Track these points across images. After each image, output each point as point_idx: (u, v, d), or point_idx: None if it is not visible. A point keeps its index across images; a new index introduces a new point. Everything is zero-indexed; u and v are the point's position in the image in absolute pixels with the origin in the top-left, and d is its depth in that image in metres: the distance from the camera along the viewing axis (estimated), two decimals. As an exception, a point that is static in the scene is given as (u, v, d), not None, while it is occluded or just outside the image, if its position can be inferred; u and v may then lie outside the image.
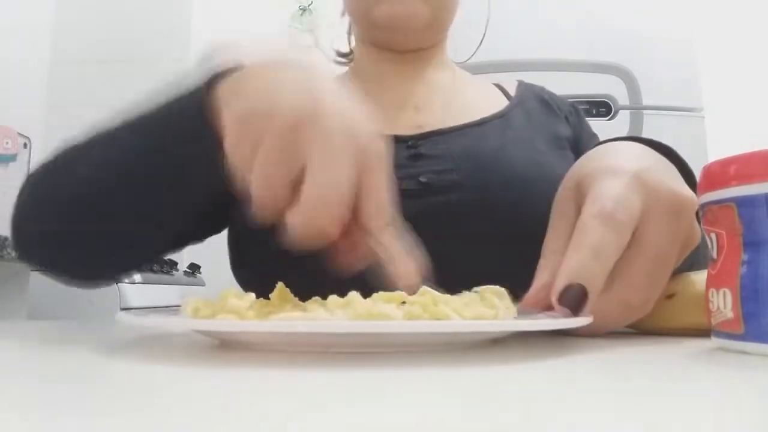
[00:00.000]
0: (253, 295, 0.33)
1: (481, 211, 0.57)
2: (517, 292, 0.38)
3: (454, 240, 0.56)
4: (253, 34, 2.11)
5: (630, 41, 1.72)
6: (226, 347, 0.32)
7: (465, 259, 0.54)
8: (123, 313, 0.32)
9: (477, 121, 0.65)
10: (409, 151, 0.61)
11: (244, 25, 2.08)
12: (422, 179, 0.59)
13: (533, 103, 0.71)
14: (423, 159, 0.60)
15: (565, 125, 0.70)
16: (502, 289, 0.35)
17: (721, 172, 0.31)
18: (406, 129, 0.64)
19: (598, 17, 1.75)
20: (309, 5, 2.35)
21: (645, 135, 1.72)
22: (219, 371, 0.26)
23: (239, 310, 0.30)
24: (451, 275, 0.36)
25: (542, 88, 0.76)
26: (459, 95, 0.70)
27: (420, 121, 0.65)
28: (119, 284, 1.51)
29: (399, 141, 0.62)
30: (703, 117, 1.74)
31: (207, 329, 0.31)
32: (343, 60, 0.82)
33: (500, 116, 0.66)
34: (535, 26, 1.72)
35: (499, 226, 0.56)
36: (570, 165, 0.49)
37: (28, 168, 1.83)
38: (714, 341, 0.32)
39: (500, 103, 0.69)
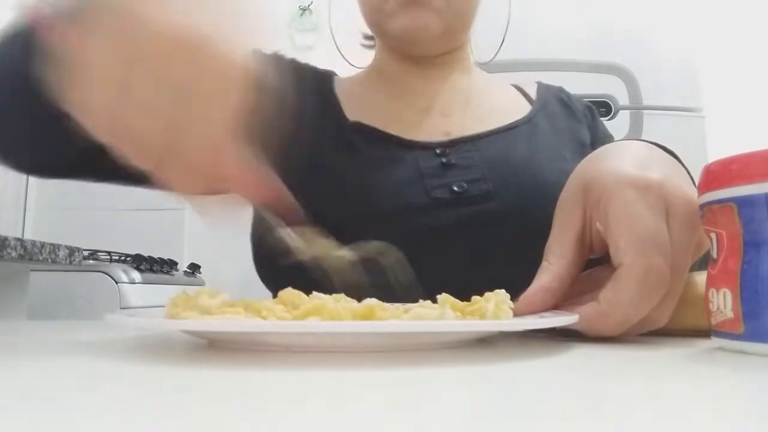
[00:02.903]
0: (227, 294, 0.33)
1: (515, 220, 0.57)
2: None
3: (488, 249, 0.56)
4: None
5: (630, 41, 1.72)
6: (216, 347, 0.32)
7: (498, 267, 0.53)
8: (115, 315, 0.32)
9: (505, 126, 0.65)
10: (439, 159, 0.61)
11: (244, 25, 2.08)
12: (455, 188, 0.58)
13: (555, 106, 0.71)
14: (454, 168, 0.60)
15: (585, 129, 0.71)
16: (505, 294, 0.35)
17: (721, 172, 0.31)
18: (434, 135, 0.64)
19: (598, 17, 1.75)
20: (309, 5, 2.35)
21: (645, 135, 1.73)
22: (207, 372, 0.26)
23: (208, 308, 0.30)
24: (483, 282, 0.36)
25: (560, 89, 0.76)
26: (484, 99, 0.69)
27: (447, 127, 0.65)
28: (119, 284, 1.51)
29: (427, 148, 0.62)
30: (703, 117, 1.74)
31: (191, 330, 0.31)
32: (370, 43, 0.80)
33: (526, 121, 0.67)
34: (536, 26, 1.72)
35: (532, 235, 0.56)
36: None
37: (28, 168, 1.83)
38: (714, 341, 0.32)
39: (523, 107, 0.70)
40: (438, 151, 0.62)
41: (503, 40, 0.81)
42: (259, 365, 0.27)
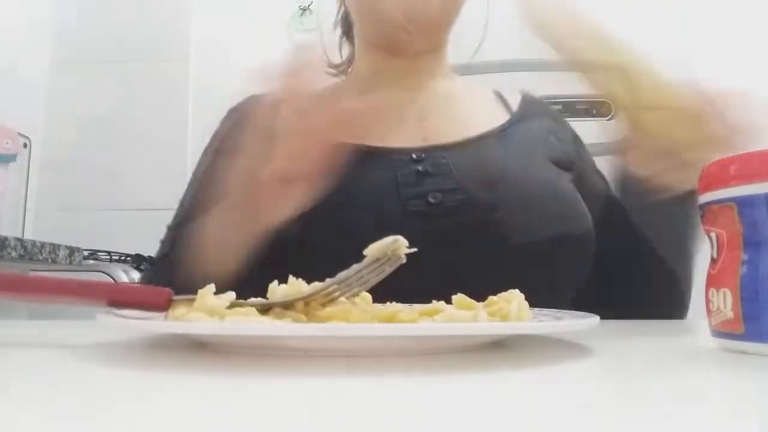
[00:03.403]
0: (232, 294, 0.32)
1: (488, 231, 0.57)
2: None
3: (463, 260, 0.55)
4: (253, 34, 2.12)
5: (630, 41, 1.72)
6: (213, 348, 0.32)
7: (472, 278, 0.52)
8: (103, 315, 0.32)
9: (478, 135, 0.64)
10: (415, 166, 0.60)
11: (244, 25, 2.08)
12: (431, 200, 0.58)
13: (536, 122, 0.69)
14: (429, 177, 0.60)
15: (565, 153, 0.69)
16: (520, 294, 0.34)
17: (721, 172, 0.31)
18: (410, 140, 0.63)
19: (598, 17, 1.75)
20: (309, 5, 2.35)
21: (645, 135, 1.72)
22: (201, 375, 0.26)
23: (217, 310, 0.30)
24: (458, 292, 0.36)
25: (547, 108, 0.74)
26: (461, 106, 0.69)
27: (424, 132, 0.65)
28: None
29: (403, 153, 0.61)
30: (703, 117, 1.74)
31: (185, 332, 0.31)
32: (334, 72, 0.80)
33: (501, 131, 0.66)
34: (535, 26, 1.71)
35: (505, 245, 0.56)
36: (567, 184, 0.55)
37: (28, 168, 1.83)
38: (714, 341, 0.32)
39: (501, 117, 0.69)
40: (414, 156, 0.61)
41: (481, 41, 0.79)
42: (271, 369, 0.27)
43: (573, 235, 0.58)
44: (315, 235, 0.54)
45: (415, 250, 0.33)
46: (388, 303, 0.38)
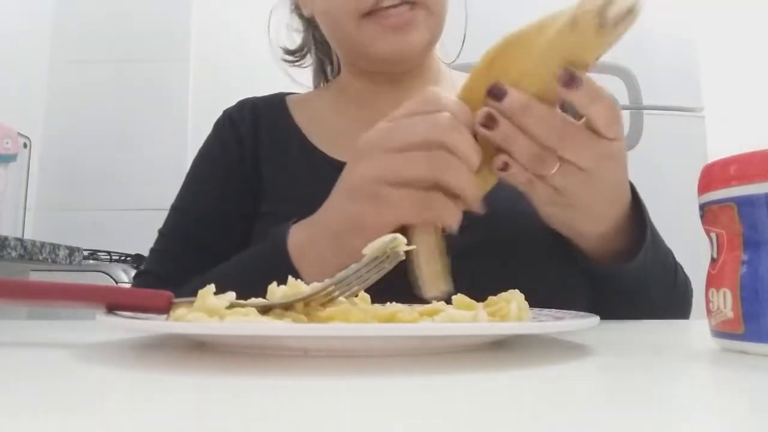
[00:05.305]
0: (232, 294, 0.32)
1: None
2: None
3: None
4: (253, 34, 2.12)
5: (630, 41, 1.72)
6: (212, 349, 0.32)
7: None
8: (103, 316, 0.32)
9: None
10: None
11: (243, 25, 2.09)
12: None
13: None
14: None
15: None
16: (521, 294, 0.34)
17: (721, 172, 0.31)
18: None
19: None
20: (309, 5, 2.35)
21: (645, 135, 1.72)
22: (201, 375, 0.26)
23: (217, 310, 0.30)
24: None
25: None
26: None
27: None
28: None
29: None
30: (703, 117, 1.74)
31: (185, 332, 0.31)
32: (292, 58, 0.78)
33: None
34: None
35: (497, 266, 0.55)
36: None
37: (28, 168, 1.83)
38: (714, 341, 0.32)
39: None
40: None
41: (464, 40, 0.78)
42: (271, 369, 0.27)
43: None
44: None
45: (413, 247, 0.33)
46: (388, 303, 0.38)
